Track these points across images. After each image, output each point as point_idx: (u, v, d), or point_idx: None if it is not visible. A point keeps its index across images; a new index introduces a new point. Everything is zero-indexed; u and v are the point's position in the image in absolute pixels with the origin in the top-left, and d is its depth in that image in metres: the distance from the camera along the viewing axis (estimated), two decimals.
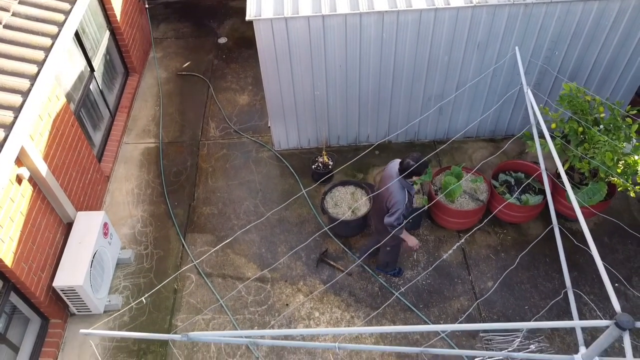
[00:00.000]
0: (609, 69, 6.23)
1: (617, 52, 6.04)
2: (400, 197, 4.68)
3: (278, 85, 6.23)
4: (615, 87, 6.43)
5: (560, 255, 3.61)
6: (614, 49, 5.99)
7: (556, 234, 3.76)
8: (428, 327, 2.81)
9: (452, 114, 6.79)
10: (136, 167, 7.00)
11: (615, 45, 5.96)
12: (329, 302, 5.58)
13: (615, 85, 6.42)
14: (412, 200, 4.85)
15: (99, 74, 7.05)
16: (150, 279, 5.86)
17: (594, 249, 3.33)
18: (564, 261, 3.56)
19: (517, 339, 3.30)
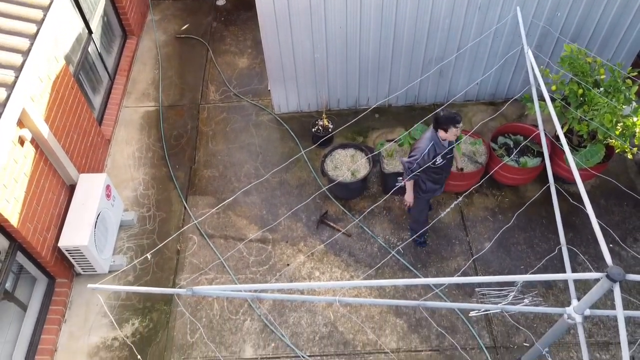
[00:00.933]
0: (611, 30, 6.18)
1: (620, 13, 5.98)
2: (423, 145, 4.67)
3: (278, 48, 6.19)
4: (617, 49, 6.39)
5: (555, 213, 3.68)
6: (617, 9, 5.93)
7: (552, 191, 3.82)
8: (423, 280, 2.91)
9: (452, 76, 6.77)
10: (137, 131, 7.02)
11: (618, 6, 5.90)
12: (329, 262, 5.70)
13: (617, 47, 6.38)
14: (436, 158, 4.69)
15: (97, 36, 6.98)
16: (153, 240, 5.96)
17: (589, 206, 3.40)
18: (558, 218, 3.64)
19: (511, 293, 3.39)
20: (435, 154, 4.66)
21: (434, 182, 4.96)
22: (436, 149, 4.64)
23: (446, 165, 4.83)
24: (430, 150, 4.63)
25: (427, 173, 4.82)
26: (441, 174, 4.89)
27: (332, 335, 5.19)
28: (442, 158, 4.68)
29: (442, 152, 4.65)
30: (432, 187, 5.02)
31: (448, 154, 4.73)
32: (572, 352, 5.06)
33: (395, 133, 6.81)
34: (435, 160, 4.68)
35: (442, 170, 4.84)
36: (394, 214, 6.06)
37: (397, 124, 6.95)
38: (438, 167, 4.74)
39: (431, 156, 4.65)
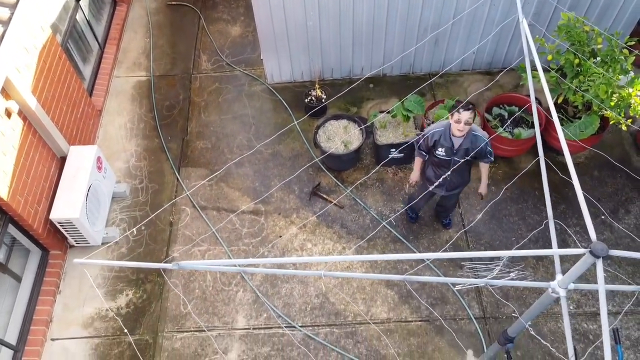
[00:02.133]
0: None
1: None
2: (434, 126, 4.56)
3: (269, 16, 6.05)
4: (616, 17, 6.25)
5: (544, 186, 3.65)
6: None
7: (541, 165, 3.78)
8: (411, 255, 2.90)
9: (448, 45, 6.64)
10: (128, 101, 6.94)
11: None
12: (321, 234, 5.71)
13: (617, 16, 6.23)
14: (437, 147, 4.50)
15: (85, 3, 6.82)
16: (146, 211, 5.96)
17: (575, 179, 3.36)
18: (547, 192, 3.61)
19: (497, 267, 3.40)
20: (437, 142, 4.48)
21: (434, 173, 4.75)
22: (441, 137, 4.45)
23: (444, 162, 4.55)
24: (435, 135, 4.48)
25: (430, 157, 4.70)
26: (441, 168, 4.64)
27: (324, 306, 5.25)
28: (443, 150, 4.49)
29: (445, 144, 4.44)
30: (431, 176, 4.81)
31: (452, 153, 4.47)
32: (560, 322, 5.12)
33: (390, 103, 6.74)
34: (437, 148, 4.52)
35: (440, 164, 4.60)
36: (387, 185, 6.05)
37: (392, 94, 6.86)
38: (437, 157, 4.57)
39: (432, 141, 4.50)
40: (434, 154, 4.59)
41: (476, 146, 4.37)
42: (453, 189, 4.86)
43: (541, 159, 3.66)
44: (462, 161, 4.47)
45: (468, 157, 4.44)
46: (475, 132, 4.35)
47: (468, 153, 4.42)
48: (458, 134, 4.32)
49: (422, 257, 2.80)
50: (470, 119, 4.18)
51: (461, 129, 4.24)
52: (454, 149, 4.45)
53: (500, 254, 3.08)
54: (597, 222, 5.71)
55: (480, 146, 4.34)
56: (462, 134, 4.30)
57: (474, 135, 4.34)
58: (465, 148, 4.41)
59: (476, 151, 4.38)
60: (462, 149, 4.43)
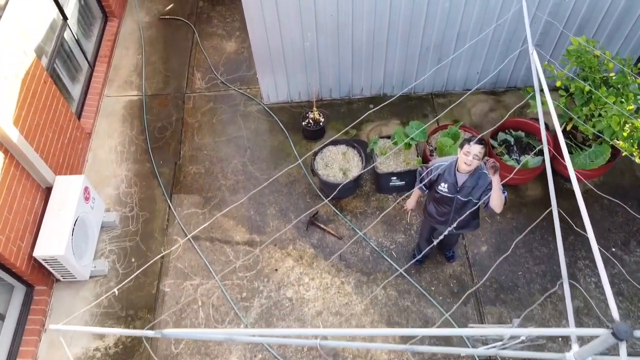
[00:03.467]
0: (620, 20, 5.76)
1: (631, 1, 5.55)
2: (440, 160, 4.26)
3: (265, 37, 5.78)
4: (624, 41, 5.99)
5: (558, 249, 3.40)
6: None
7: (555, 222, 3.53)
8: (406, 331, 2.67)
9: (451, 65, 6.37)
10: (119, 122, 6.68)
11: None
12: (319, 267, 5.47)
13: (625, 39, 5.97)
14: (441, 182, 4.20)
15: (74, 21, 6.56)
16: (137, 242, 5.72)
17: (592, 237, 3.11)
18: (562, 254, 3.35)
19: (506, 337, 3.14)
20: (441, 176, 4.18)
21: (436, 209, 4.48)
22: (446, 171, 4.16)
23: (447, 198, 4.27)
24: (439, 168, 4.19)
25: (432, 192, 4.40)
26: (443, 205, 4.37)
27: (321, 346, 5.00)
28: (446, 187, 4.20)
29: (449, 179, 4.15)
30: (432, 212, 4.54)
31: (455, 190, 4.18)
32: None
33: (390, 125, 6.48)
34: (440, 183, 4.24)
35: (443, 200, 4.32)
36: (388, 214, 5.80)
37: (393, 115, 6.60)
38: (439, 193, 4.28)
39: (436, 174, 4.21)
40: (437, 189, 4.33)
41: (482, 185, 4.11)
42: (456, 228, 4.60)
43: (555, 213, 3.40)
44: (465, 200, 4.22)
45: (473, 199, 4.17)
46: (483, 170, 4.08)
47: (472, 193, 4.15)
48: (464, 168, 4.04)
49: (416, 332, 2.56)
50: (480, 154, 3.92)
51: (469, 163, 3.97)
52: (457, 185, 4.19)
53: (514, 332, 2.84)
54: (608, 255, 5.45)
55: (486, 186, 4.07)
56: (469, 168, 4.02)
57: (481, 174, 4.08)
58: (470, 187, 4.14)
59: (482, 192, 4.12)
60: (466, 187, 4.16)
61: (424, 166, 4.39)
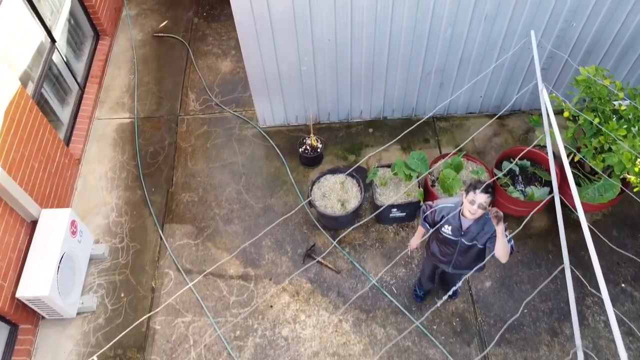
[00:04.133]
0: (628, 46, 5.54)
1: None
2: (445, 201, 4.04)
3: (260, 62, 5.56)
4: (631, 68, 5.77)
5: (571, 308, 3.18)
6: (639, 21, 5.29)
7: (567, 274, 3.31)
8: None
9: (453, 88, 6.14)
10: (110, 147, 6.45)
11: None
12: (316, 304, 5.24)
13: (632, 67, 5.75)
14: (444, 225, 4.00)
15: (63, 43, 6.33)
16: (127, 275, 5.50)
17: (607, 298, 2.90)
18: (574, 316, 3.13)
19: None
20: (445, 218, 3.96)
21: (439, 249, 4.26)
22: (450, 214, 3.93)
23: (450, 241, 4.05)
24: (443, 210, 3.97)
25: (435, 232, 4.16)
26: (446, 246, 4.16)
27: None
28: (450, 229, 3.98)
29: (453, 222, 3.93)
30: (435, 251, 4.32)
31: (460, 234, 3.96)
32: None
33: (391, 151, 6.26)
34: (443, 225, 4.00)
35: (446, 241, 4.10)
36: (388, 246, 5.57)
37: (393, 139, 6.35)
38: (443, 235, 4.06)
39: (440, 216, 4.00)
40: (440, 230, 4.11)
41: (487, 231, 3.88)
42: (460, 269, 4.38)
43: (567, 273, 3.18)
44: (469, 244, 4.01)
45: (478, 244, 3.95)
46: (489, 216, 3.86)
47: (477, 238, 3.93)
48: (468, 216, 3.82)
49: None
50: (485, 204, 3.69)
51: (473, 212, 3.74)
52: (461, 230, 3.96)
53: None
54: (617, 291, 5.24)
55: (492, 232, 3.84)
56: (472, 217, 3.80)
57: (487, 219, 3.85)
58: (475, 232, 3.92)
59: (487, 238, 3.89)
60: (470, 232, 3.94)
61: (428, 204, 4.17)
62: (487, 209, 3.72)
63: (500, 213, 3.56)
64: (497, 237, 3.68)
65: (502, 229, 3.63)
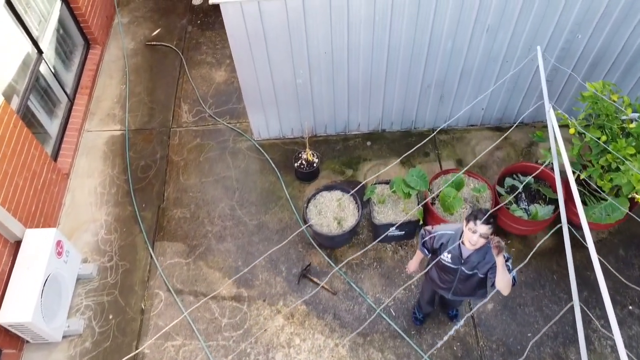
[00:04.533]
0: (635, 59, 5.35)
1: None
2: (445, 227, 3.86)
3: (254, 75, 5.37)
4: (638, 80, 5.57)
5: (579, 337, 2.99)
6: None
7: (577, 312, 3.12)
8: None
9: (454, 101, 5.95)
10: (100, 160, 6.26)
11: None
12: (311, 327, 5.05)
13: (638, 80, 5.55)
14: (444, 252, 3.83)
15: (51, 53, 6.14)
16: (115, 296, 5.30)
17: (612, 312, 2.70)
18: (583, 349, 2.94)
19: None
20: (444, 245, 3.78)
21: (438, 275, 4.07)
22: (450, 241, 3.76)
23: (450, 269, 3.86)
24: (443, 237, 3.79)
25: (434, 256, 3.98)
26: (446, 274, 3.96)
27: None
28: (449, 257, 3.79)
29: (453, 251, 3.75)
30: (434, 277, 4.12)
31: (460, 262, 3.78)
32: None
33: (389, 164, 6.05)
34: (443, 252, 3.81)
35: (445, 269, 3.91)
36: (386, 266, 5.38)
37: (391, 153, 6.17)
38: (442, 262, 3.87)
39: (439, 243, 3.82)
40: (439, 256, 3.91)
41: (489, 261, 3.68)
42: (460, 296, 4.18)
43: (574, 303, 2.98)
44: (469, 273, 3.81)
45: (479, 273, 3.76)
46: (491, 245, 3.66)
47: (478, 267, 3.74)
48: (468, 246, 3.62)
49: None
50: (486, 234, 3.49)
51: (473, 242, 3.55)
52: (461, 258, 3.77)
53: None
54: (624, 314, 5.04)
55: (494, 263, 3.64)
56: (473, 247, 3.61)
57: (489, 249, 3.65)
58: (476, 261, 3.72)
59: (489, 268, 3.70)
60: (471, 261, 3.74)
61: (427, 230, 3.98)
62: (488, 239, 3.52)
63: (502, 244, 3.37)
64: (497, 269, 3.48)
65: (502, 260, 3.43)
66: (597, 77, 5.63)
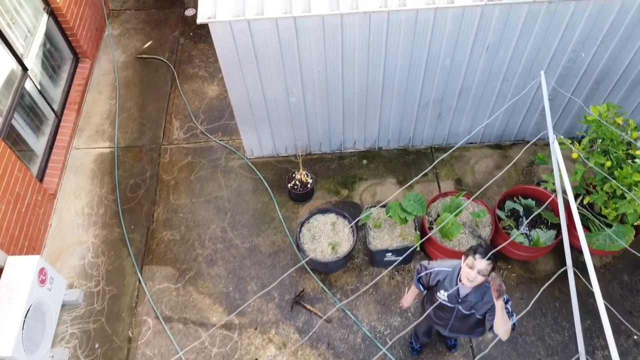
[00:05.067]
0: (638, 78, 5.15)
1: None
2: (442, 264, 3.64)
3: (245, 92, 5.18)
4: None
5: None
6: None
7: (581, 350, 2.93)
8: None
9: (453, 119, 5.76)
10: (87, 179, 6.07)
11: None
12: (304, 357, 4.86)
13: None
14: (441, 290, 3.62)
15: (37, 70, 5.96)
16: (102, 323, 5.12)
17: None
18: None
19: None
20: (440, 282, 3.59)
21: (434, 312, 3.85)
22: (446, 279, 3.56)
23: (447, 307, 3.68)
24: (439, 274, 3.59)
25: (430, 294, 3.82)
26: (442, 312, 3.77)
27: None
28: (446, 295, 3.60)
29: (450, 289, 3.55)
30: (430, 314, 3.90)
31: (457, 301, 3.59)
32: None
33: (386, 185, 5.88)
34: (439, 290, 3.63)
35: (442, 307, 3.72)
36: (382, 292, 5.19)
37: (388, 172, 5.99)
38: (437, 299, 3.68)
39: (435, 280, 3.62)
40: (435, 294, 3.73)
41: (487, 301, 3.49)
42: (457, 333, 3.98)
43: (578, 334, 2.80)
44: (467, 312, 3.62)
45: (477, 314, 3.57)
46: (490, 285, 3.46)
47: (475, 307, 3.55)
48: (466, 283, 3.43)
49: None
50: (486, 271, 3.30)
51: (471, 279, 3.35)
52: (458, 297, 3.58)
53: None
54: (629, 344, 4.86)
55: (492, 304, 3.44)
56: (471, 285, 3.41)
57: (488, 288, 3.46)
58: (473, 301, 3.53)
59: (487, 309, 3.50)
60: (468, 301, 3.55)
61: (423, 265, 3.78)
62: (487, 277, 3.33)
63: (503, 287, 3.17)
64: (496, 312, 3.29)
65: (502, 304, 3.24)
66: (600, 94, 5.44)
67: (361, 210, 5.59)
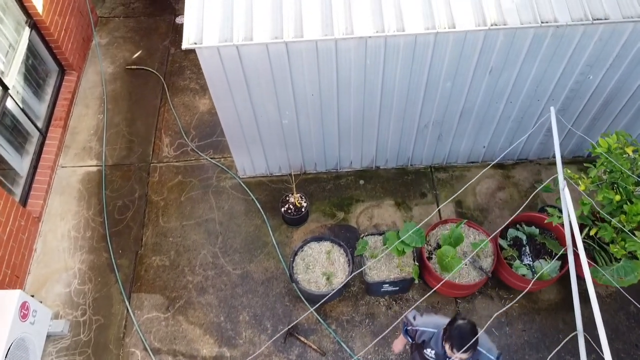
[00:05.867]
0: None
1: None
2: (427, 323, 3.52)
3: (236, 117, 4.95)
4: None
5: None
6: None
7: None
8: None
9: (453, 139, 5.53)
10: (74, 201, 5.85)
11: None
12: None
13: None
14: (427, 349, 3.51)
15: (19, 87, 5.70)
16: (88, 355, 4.94)
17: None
18: None
19: None
20: (426, 342, 3.44)
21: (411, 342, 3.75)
22: (432, 340, 3.41)
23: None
24: (424, 335, 3.44)
25: (418, 347, 3.65)
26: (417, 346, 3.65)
27: None
28: (433, 354, 3.44)
29: (436, 349, 3.41)
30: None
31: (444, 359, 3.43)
32: None
33: (384, 207, 5.66)
34: (426, 347, 3.48)
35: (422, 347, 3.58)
36: (379, 322, 5.00)
37: (386, 193, 5.77)
38: (425, 356, 3.52)
39: (421, 339, 3.47)
40: (422, 350, 3.56)
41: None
42: None
43: None
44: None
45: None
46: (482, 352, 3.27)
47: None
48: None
49: None
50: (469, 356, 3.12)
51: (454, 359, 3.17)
52: (445, 357, 3.39)
53: None
54: None
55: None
56: None
57: (480, 353, 3.26)
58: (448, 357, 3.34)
59: None
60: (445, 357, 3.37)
61: (409, 320, 3.62)
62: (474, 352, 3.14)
63: None
64: None
65: None
66: (607, 116, 5.21)
67: (357, 234, 5.40)
